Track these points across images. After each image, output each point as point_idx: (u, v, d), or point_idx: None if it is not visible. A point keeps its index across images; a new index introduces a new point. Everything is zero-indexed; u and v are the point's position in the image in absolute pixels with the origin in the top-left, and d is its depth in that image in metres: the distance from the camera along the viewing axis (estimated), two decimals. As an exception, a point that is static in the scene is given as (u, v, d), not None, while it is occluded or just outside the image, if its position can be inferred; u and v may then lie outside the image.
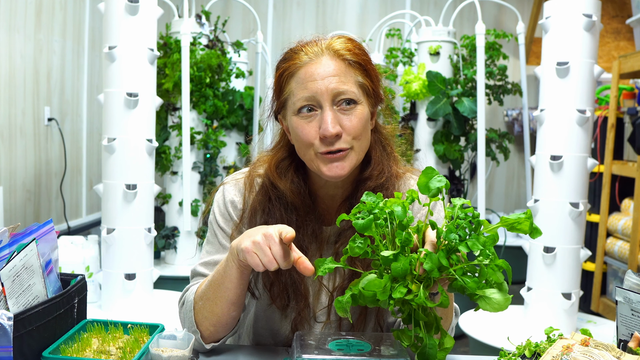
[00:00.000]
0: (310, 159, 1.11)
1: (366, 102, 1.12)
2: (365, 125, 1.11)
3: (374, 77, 1.14)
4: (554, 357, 0.89)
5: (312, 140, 1.08)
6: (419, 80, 3.44)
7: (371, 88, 1.13)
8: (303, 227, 1.15)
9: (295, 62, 1.11)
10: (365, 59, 1.12)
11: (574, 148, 2.34)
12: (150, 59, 2.50)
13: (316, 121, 1.08)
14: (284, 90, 1.13)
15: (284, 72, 1.12)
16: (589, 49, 2.32)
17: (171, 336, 0.98)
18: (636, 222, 2.97)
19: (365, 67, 1.12)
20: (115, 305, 2.49)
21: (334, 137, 1.07)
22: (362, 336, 1.02)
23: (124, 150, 2.46)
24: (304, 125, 1.09)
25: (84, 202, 4.29)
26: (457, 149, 3.47)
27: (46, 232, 1.01)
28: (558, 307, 2.37)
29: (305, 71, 1.09)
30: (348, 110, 1.08)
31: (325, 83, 1.07)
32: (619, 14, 5.09)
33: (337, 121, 1.07)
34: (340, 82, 1.08)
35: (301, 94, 1.08)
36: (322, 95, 1.07)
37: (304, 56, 1.11)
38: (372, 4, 5.52)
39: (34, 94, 3.50)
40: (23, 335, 0.86)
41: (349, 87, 1.08)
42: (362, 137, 1.10)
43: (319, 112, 1.08)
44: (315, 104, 1.08)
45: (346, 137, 1.08)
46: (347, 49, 1.11)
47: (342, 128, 1.08)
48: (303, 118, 1.09)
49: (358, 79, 1.11)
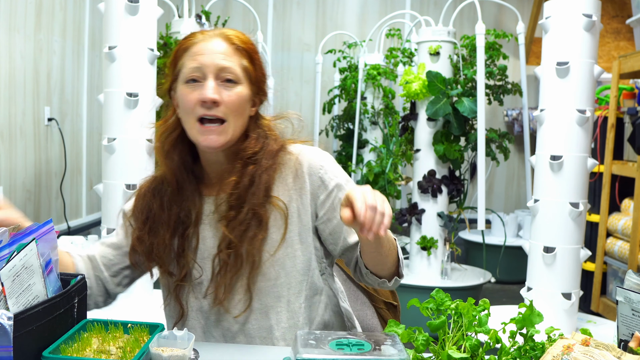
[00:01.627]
0: (190, 126, 1.20)
1: (247, 86, 1.22)
2: (242, 103, 1.20)
3: (259, 68, 1.25)
4: (555, 356, 0.89)
5: (194, 105, 1.18)
6: (419, 80, 3.44)
7: (254, 74, 1.23)
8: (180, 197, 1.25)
9: (191, 39, 1.23)
10: (252, 47, 1.24)
11: (574, 148, 2.34)
12: (150, 59, 2.50)
13: (199, 89, 1.18)
14: (177, 64, 1.23)
15: (180, 48, 1.24)
16: (589, 49, 2.32)
17: (171, 336, 0.98)
18: (636, 222, 2.97)
19: (252, 56, 1.23)
20: (115, 305, 2.49)
21: (212, 104, 1.17)
22: (362, 336, 1.02)
23: (124, 150, 2.46)
24: (188, 92, 1.19)
25: (84, 202, 4.29)
26: (457, 149, 3.47)
27: (46, 232, 1.01)
28: (558, 307, 2.37)
29: (198, 47, 1.21)
30: (229, 86, 1.19)
31: (211, 57, 1.18)
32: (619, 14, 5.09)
33: (217, 91, 1.17)
34: (224, 59, 1.19)
35: (190, 65, 1.19)
36: (208, 67, 1.18)
37: (200, 35, 1.23)
38: (372, 4, 5.52)
39: (34, 94, 3.49)
40: (23, 335, 0.86)
41: (231, 65, 1.19)
42: (238, 113, 1.20)
43: (203, 83, 1.18)
44: (201, 75, 1.18)
45: (223, 109, 1.18)
46: (237, 37, 1.23)
47: (220, 98, 1.17)
48: (189, 87, 1.19)
49: (243, 62, 1.21)
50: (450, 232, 3.58)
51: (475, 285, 3.47)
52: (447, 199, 3.57)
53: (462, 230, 4.72)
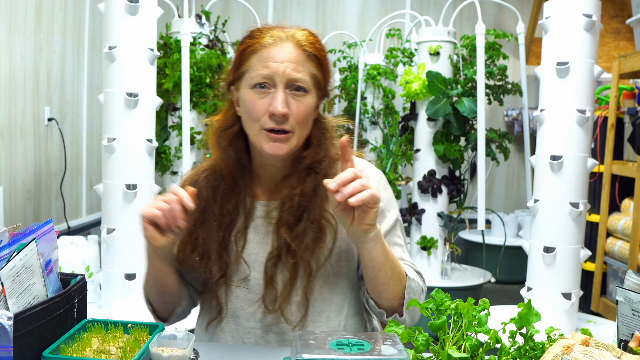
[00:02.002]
0: (255, 133, 1.17)
1: (315, 93, 1.19)
2: (310, 114, 1.19)
3: (327, 73, 1.22)
4: (555, 356, 0.89)
5: (261, 115, 1.15)
6: (419, 80, 3.44)
7: (322, 82, 1.21)
8: (231, 195, 1.23)
9: (260, 40, 1.18)
10: (322, 54, 1.21)
11: (574, 148, 2.34)
12: (150, 59, 2.50)
13: (268, 98, 1.15)
14: (243, 63, 1.19)
15: (247, 48, 1.19)
16: (589, 49, 2.32)
17: (171, 336, 0.98)
18: (636, 222, 2.97)
19: (321, 62, 1.20)
20: (115, 305, 2.49)
21: (282, 117, 1.14)
22: (362, 336, 1.02)
23: (124, 150, 2.46)
24: (255, 100, 1.16)
25: (84, 202, 4.29)
26: (457, 149, 3.47)
27: (46, 232, 1.01)
28: (558, 307, 2.37)
29: (268, 51, 1.16)
30: (298, 96, 1.16)
31: (283, 66, 1.14)
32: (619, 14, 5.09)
33: (287, 103, 1.14)
34: (296, 69, 1.15)
35: (260, 71, 1.15)
36: (279, 76, 1.14)
37: (269, 38, 1.18)
38: (372, 4, 5.52)
39: (34, 94, 3.50)
40: (23, 335, 0.86)
41: (303, 75, 1.16)
42: (305, 124, 1.18)
43: (272, 91, 1.15)
44: (270, 83, 1.15)
45: (291, 121, 1.15)
46: (308, 42, 1.19)
47: (289, 111, 1.15)
48: (257, 93, 1.16)
49: (312, 70, 1.18)
50: (450, 232, 3.58)
51: (475, 285, 3.48)
52: (447, 199, 3.57)
53: (462, 230, 4.72)
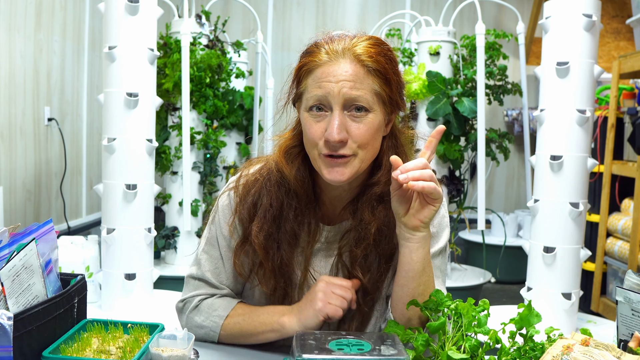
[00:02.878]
0: (314, 158, 1.10)
1: (381, 110, 1.09)
2: (374, 134, 1.08)
3: (395, 85, 1.10)
4: (554, 357, 0.89)
5: (317, 140, 1.07)
6: (419, 80, 3.44)
7: (388, 97, 1.09)
8: (301, 216, 1.17)
9: (315, 59, 1.09)
10: (386, 67, 1.08)
11: (574, 148, 2.34)
12: (150, 59, 2.50)
13: (324, 122, 1.07)
14: (301, 83, 1.12)
15: (303, 67, 1.11)
16: (589, 49, 2.32)
17: (171, 336, 0.98)
18: (636, 222, 2.97)
19: (386, 76, 1.08)
20: (115, 305, 2.49)
21: (338, 143, 1.05)
22: (362, 336, 1.02)
23: (124, 150, 2.46)
24: (312, 124, 1.08)
25: (84, 202, 4.29)
26: (457, 149, 3.47)
27: (46, 232, 1.01)
28: (558, 307, 2.37)
29: (322, 70, 1.07)
30: (358, 117, 1.06)
31: (339, 86, 1.05)
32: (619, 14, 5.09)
33: (343, 127, 1.05)
34: (354, 87, 1.05)
35: (314, 92, 1.07)
36: (334, 97, 1.05)
37: (324, 55, 1.08)
38: (372, 4, 5.52)
39: (34, 94, 3.50)
40: (23, 335, 0.86)
41: (362, 93, 1.05)
42: (369, 145, 1.09)
43: (328, 114, 1.07)
44: (325, 105, 1.07)
45: (351, 144, 1.06)
46: (368, 55, 1.07)
47: (348, 134, 1.06)
48: (313, 116, 1.08)
49: (375, 87, 1.07)
50: (450, 232, 3.58)
51: (475, 285, 3.47)
52: (447, 199, 3.57)
53: (462, 230, 4.72)
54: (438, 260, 1.20)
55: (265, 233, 1.15)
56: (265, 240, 1.15)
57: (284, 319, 1.12)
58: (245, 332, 1.16)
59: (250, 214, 1.18)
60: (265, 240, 1.15)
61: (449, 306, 1.02)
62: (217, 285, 1.22)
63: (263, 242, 1.15)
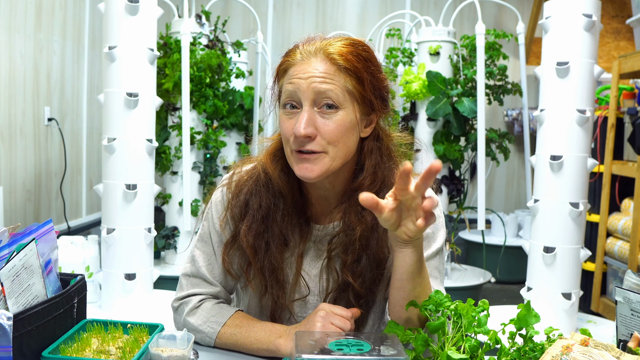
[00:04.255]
0: (288, 155, 1.12)
1: (354, 108, 1.09)
2: (344, 132, 1.08)
3: (369, 85, 1.10)
4: (554, 357, 0.89)
5: (289, 136, 1.09)
6: (419, 80, 3.44)
7: (362, 95, 1.10)
8: (289, 217, 1.18)
9: (289, 59, 1.12)
10: (357, 66, 1.09)
11: (574, 148, 2.34)
12: (150, 59, 2.50)
13: (295, 119, 1.09)
14: (278, 83, 1.15)
15: (280, 67, 1.15)
16: (589, 49, 2.32)
17: (171, 336, 0.98)
18: (636, 222, 2.97)
19: (357, 74, 1.09)
20: (115, 305, 2.49)
21: (305, 138, 1.07)
22: (362, 336, 1.02)
23: (124, 150, 2.46)
24: (285, 121, 1.10)
25: (84, 202, 4.29)
26: (457, 149, 3.47)
27: (46, 232, 1.01)
28: (558, 307, 2.37)
29: (295, 69, 1.10)
30: (328, 114, 1.07)
31: (308, 82, 1.07)
32: (619, 14, 5.09)
33: (311, 122, 1.07)
34: (323, 82, 1.06)
35: (286, 89, 1.10)
36: (303, 93, 1.07)
37: (298, 55, 1.11)
38: (372, 4, 5.52)
39: (34, 94, 3.50)
40: (23, 335, 0.86)
41: (331, 87, 1.06)
42: (340, 143, 1.08)
43: (299, 111, 1.08)
44: (297, 101, 1.09)
45: (320, 140, 1.07)
46: (340, 54, 1.08)
47: (317, 130, 1.07)
48: (286, 114, 1.10)
49: (347, 84, 1.08)
50: (450, 232, 3.58)
51: (475, 285, 3.47)
52: (447, 199, 3.57)
53: (462, 230, 4.72)
54: (435, 260, 1.20)
55: (254, 233, 1.16)
56: (254, 240, 1.16)
57: (280, 341, 1.11)
58: (239, 345, 1.16)
59: (242, 212, 1.19)
60: (254, 240, 1.16)
61: (448, 307, 1.02)
62: (212, 282, 1.23)
63: (252, 242, 1.16)
